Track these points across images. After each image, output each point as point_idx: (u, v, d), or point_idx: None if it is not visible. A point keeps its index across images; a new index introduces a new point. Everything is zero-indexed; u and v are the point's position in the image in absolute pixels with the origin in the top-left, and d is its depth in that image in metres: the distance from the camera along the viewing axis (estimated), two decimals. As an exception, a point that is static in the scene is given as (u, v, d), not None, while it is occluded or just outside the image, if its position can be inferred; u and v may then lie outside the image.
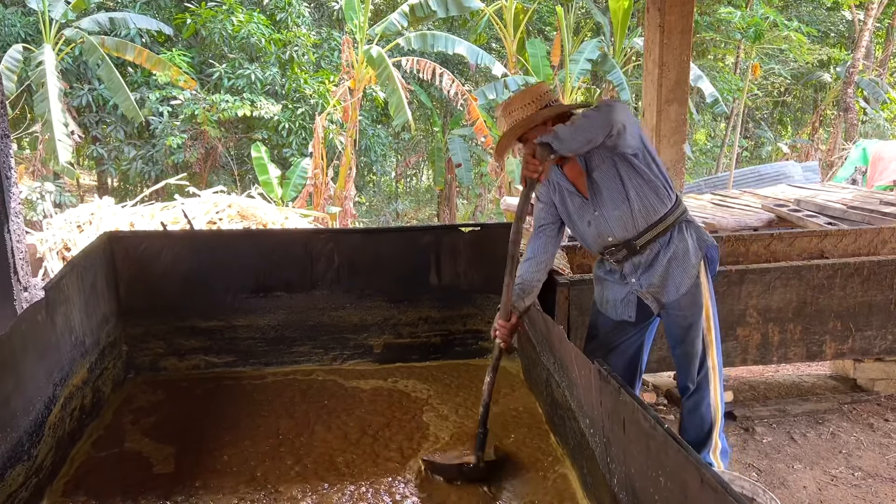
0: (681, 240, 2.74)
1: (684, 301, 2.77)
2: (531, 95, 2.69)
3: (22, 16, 12.32)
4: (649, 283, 2.78)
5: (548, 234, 2.93)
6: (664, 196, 2.70)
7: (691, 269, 2.74)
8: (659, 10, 4.79)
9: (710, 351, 2.82)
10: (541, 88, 2.74)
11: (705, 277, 2.77)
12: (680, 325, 2.82)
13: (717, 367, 2.84)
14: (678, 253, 2.73)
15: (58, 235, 7.16)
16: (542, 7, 15.72)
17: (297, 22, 13.77)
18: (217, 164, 13.65)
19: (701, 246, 2.76)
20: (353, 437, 2.93)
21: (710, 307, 2.79)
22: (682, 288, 2.75)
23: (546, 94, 2.70)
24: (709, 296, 2.78)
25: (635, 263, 2.79)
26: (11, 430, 2.28)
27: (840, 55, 17.63)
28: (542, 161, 2.53)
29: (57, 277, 2.78)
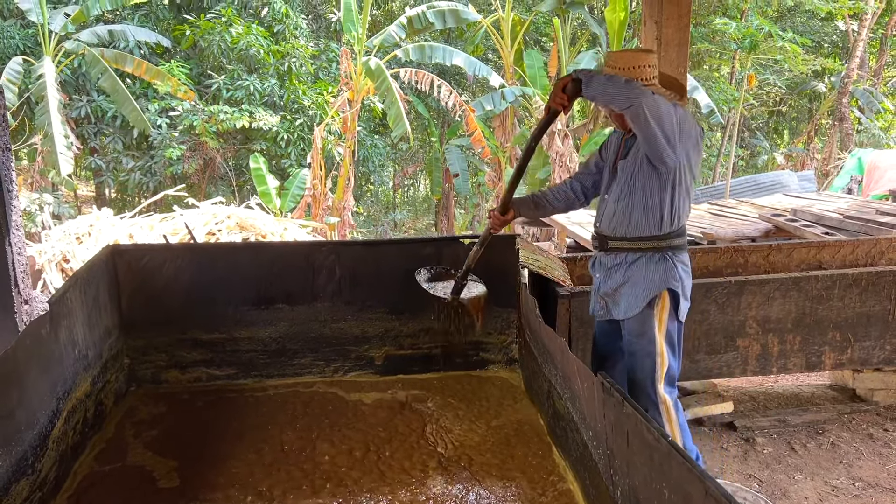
0: (645, 268, 2.73)
1: (631, 326, 2.79)
2: (628, 62, 2.66)
3: (21, 28, 12.37)
4: (605, 290, 2.84)
5: (584, 182, 3.02)
6: (656, 223, 2.71)
7: (640, 299, 2.73)
8: (656, 23, 4.82)
9: (657, 386, 2.78)
10: (640, 60, 2.67)
11: (665, 315, 2.74)
12: (626, 347, 2.87)
13: (671, 403, 2.79)
14: (636, 278, 2.74)
15: (57, 247, 7.16)
16: (538, 18, 15.81)
17: (295, 33, 13.84)
18: (215, 175, 13.67)
19: (661, 284, 2.72)
20: (358, 452, 2.93)
21: (663, 346, 2.75)
22: (629, 311, 2.77)
23: (639, 69, 2.64)
24: (663, 335, 2.74)
25: (600, 261, 2.87)
26: (16, 444, 2.28)
27: (834, 65, 17.76)
28: (570, 97, 2.60)
29: (61, 291, 2.79)
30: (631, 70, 2.65)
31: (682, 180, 2.68)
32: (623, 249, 2.77)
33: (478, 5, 14.91)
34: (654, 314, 2.73)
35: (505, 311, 3.79)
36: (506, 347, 3.83)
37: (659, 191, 2.67)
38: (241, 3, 13.48)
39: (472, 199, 17.64)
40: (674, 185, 2.68)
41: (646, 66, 2.67)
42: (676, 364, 2.82)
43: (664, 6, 4.71)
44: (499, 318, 3.79)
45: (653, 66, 2.70)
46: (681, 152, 2.59)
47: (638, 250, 2.74)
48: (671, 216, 2.71)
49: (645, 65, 2.67)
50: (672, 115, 2.54)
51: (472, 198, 17.51)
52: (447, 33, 16.50)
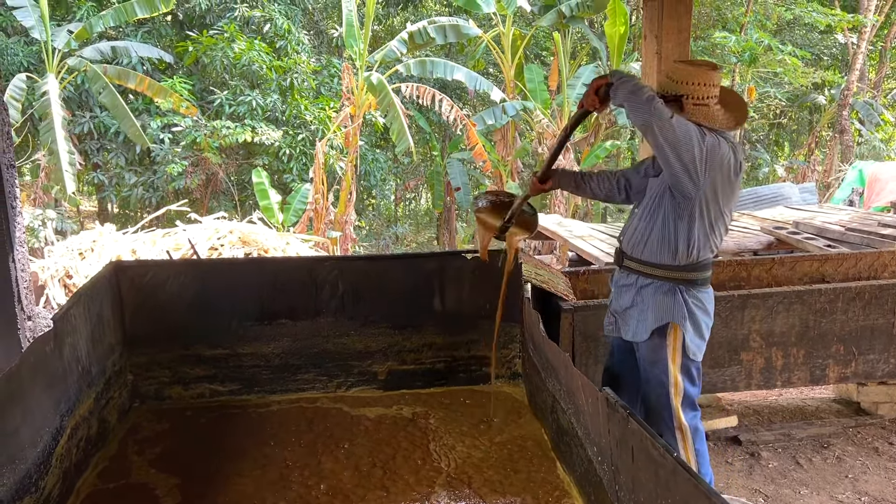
0: (654, 297, 2.68)
1: (644, 353, 2.76)
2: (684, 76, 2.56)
3: (24, 45, 12.44)
4: (615, 306, 2.84)
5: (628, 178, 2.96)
6: (672, 252, 2.64)
7: (648, 325, 2.69)
8: (656, 38, 4.86)
9: (676, 413, 2.73)
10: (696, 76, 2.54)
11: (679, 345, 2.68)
12: (641, 373, 2.83)
13: (689, 430, 2.74)
14: (644, 304, 2.71)
15: (60, 263, 7.18)
16: (538, 33, 15.90)
17: (297, 49, 13.92)
18: (218, 189, 13.72)
19: (666, 316, 2.66)
20: (363, 468, 2.92)
21: (677, 376, 2.70)
22: (637, 336, 2.74)
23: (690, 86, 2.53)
24: (678, 365, 2.69)
25: (616, 275, 2.85)
26: (20, 461, 2.28)
27: (834, 78, 17.82)
28: (601, 101, 2.61)
29: (65, 308, 2.80)
30: (682, 85, 2.54)
31: (705, 213, 2.57)
32: (635, 271, 2.73)
33: (478, 20, 15.00)
34: (666, 344, 2.68)
35: (508, 326, 3.78)
36: (509, 362, 3.82)
37: (676, 219, 2.60)
38: (243, 19, 13.57)
39: (473, 212, 17.66)
40: (692, 216, 2.58)
41: (699, 83, 2.53)
42: (695, 389, 2.75)
43: (664, 21, 4.75)
44: (502, 333, 3.79)
45: (707, 85, 2.53)
46: (704, 184, 2.47)
47: (649, 276, 2.68)
48: (687, 248, 2.62)
49: (698, 82, 2.53)
50: (693, 141, 2.41)
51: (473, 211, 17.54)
52: (448, 48, 16.59)
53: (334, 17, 16.86)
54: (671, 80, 2.61)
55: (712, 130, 2.53)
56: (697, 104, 2.54)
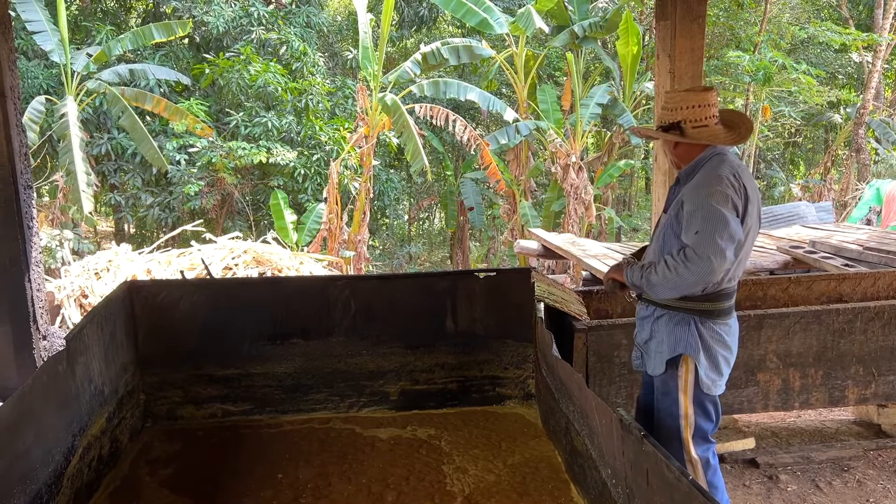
0: (667, 328, 2.63)
1: (658, 384, 2.72)
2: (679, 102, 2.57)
3: (44, 68, 12.66)
4: (638, 339, 2.81)
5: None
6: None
7: (663, 359, 2.64)
8: (669, 57, 4.85)
9: (687, 447, 2.67)
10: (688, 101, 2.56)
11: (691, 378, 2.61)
12: (655, 400, 2.78)
13: (701, 462, 2.68)
14: (660, 335, 2.67)
15: (76, 283, 7.23)
16: (551, 53, 15.97)
17: (313, 71, 14.06)
18: (233, 210, 13.81)
19: (678, 348, 2.60)
20: (375, 490, 2.90)
21: (689, 408, 2.64)
22: (654, 370, 2.70)
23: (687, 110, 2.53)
24: (689, 396, 2.63)
25: (637, 308, 2.82)
26: (31, 482, 2.28)
27: (849, 96, 17.74)
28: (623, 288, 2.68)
29: (78, 327, 2.81)
30: (679, 111, 2.55)
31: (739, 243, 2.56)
32: (652, 302, 2.69)
33: (491, 41, 15.09)
34: (678, 375, 2.62)
35: (521, 346, 3.76)
36: (522, 382, 3.79)
37: None
38: (259, 41, 13.74)
39: (486, 231, 17.66)
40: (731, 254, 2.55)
41: (694, 106, 2.54)
42: (709, 424, 2.68)
43: (677, 40, 4.75)
44: (515, 353, 3.76)
45: (703, 106, 2.53)
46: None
47: (664, 307, 2.64)
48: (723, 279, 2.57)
49: (693, 105, 2.54)
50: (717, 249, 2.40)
51: (486, 231, 17.53)
52: (461, 69, 16.70)
53: (349, 39, 17.06)
54: (667, 109, 2.61)
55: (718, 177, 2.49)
56: (697, 126, 2.55)
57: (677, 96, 2.60)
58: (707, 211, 2.43)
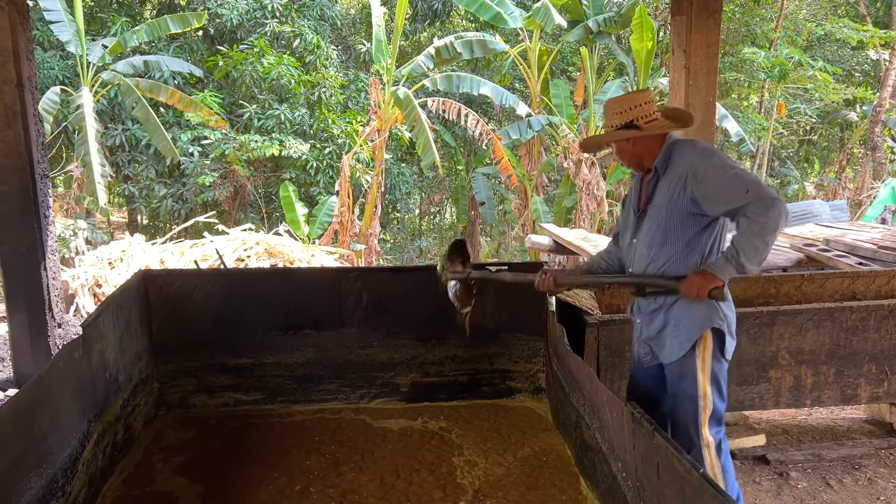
0: (687, 310, 2.64)
1: (674, 368, 2.70)
2: (625, 105, 2.67)
3: (61, 59, 12.73)
4: (648, 334, 2.76)
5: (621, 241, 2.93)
6: (697, 261, 2.62)
7: (685, 341, 2.64)
8: (684, 52, 4.83)
9: (703, 430, 2.68)
10: (634, 100, 2.68)
11: (708, 354, 2.64)
12: (669, 389, 2.76)
13: (714, 444, 2.69)
14: (679, 319, 2.66)
15: (90, 272, 7.29)
16: (565, 48, 15.91)
17: (326, 64, 14.07)
18: (245, 202, 13.86)
19: (705, 323, 2.62)
20: (387, 481, 2.92)
21: (706, 387, 2.66)
22: (673, 356, 2.68)
23: (636, 108, 2.65)
24: (707, 374, 2.65)
25: (640, 306, 2.78)
26: (47, 466, 2.31)
27: (866, 94, 17.57)
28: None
29: (94, 315, 2.84)
30: (629, 112, 2.65)
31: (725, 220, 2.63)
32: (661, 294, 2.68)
33: (505, 35, 15.04)
34: (695, 355, 2.63)
35: (532, 340, 3.77)
36: (532, 376, 3.80)
37: (700, 232, 2.61)
38: (273, 34, 13.76)
39: (498, 227, 17.64)
40: (721, 228, 2.63)
41: (640, 104, 2.67)
42: (723, 404, 2.70)
43: (692, 35, 4.72)
44: (526, 347, 3.77)
45: (649, 103, 2.69)
46: None
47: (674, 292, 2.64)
48: (711, 252, 2.63)
49: (639, 103, 2.67)
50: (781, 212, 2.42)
51: (497, 226, 17.51)
52: (474, 63, 16.65)
53: (362, 32, 17.04)
54: (618, 114, 2.68)
55: None
56: (648, 121, 2.66)
57: (622, 100, 2.71)
58: (733, 170, 2.49)
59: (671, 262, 2.65)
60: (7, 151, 4.30)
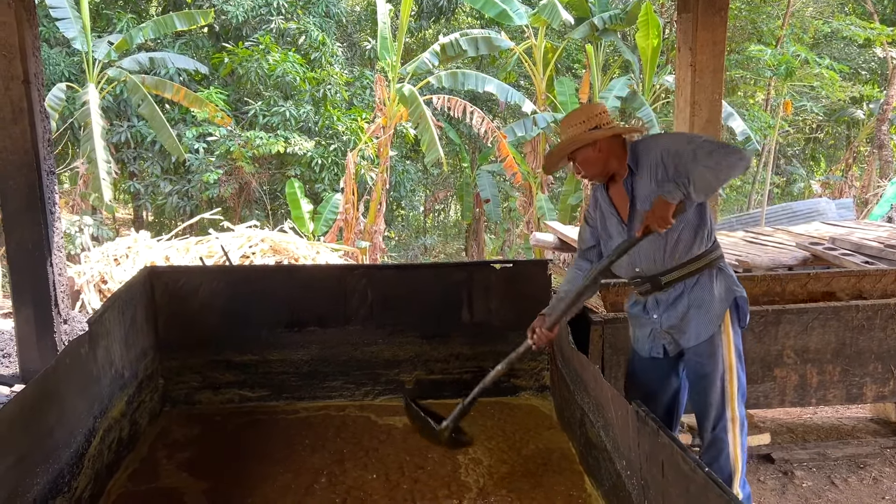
0: (707, 286, 2.69)
1: (702, 348, 2.71)
2: (584, 115, 2.71)
3: (66, 56, 12.76)
4: (670, 323, 2.75)
5: (591, 258, 2.93)
6: (702, 238, 2.68)
7: (714, 318, 2.68)
8: (690, 50, 4.82)
9: (731, 404, 2.71)
10: (594, 109, 2.75)
11: (730, 328, 2.70)
12: (696, 372, 2.77)
13: (739, 420, 2.73)
14: (702, 299, 2.68)
15: (95, 268, 7.32)
16: (570, 45, 15.88)
17: (331, 61, 14.07)
18: (250, 198, 13.89)
19: (728, 296, 2.69)
20: (392, 478, 2.92)
21: (733, 360, 2.70)
22: (702, 336, 2.69)
23: (598, 116, 2.70)
24: (732, 348, 2.70)
25: (657, 299, 2.77)
26: (53, 461, 2.32)
27: (873, 92, 17.49)
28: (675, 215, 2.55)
29: (100, 311, 2.85)
30: (591, 119, 2.69)
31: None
32: (681, 278, 2.70)
33: (510, 32, 15.01)
34: (721, 331, 2.68)
35: (537, 338, 3.76)
36: (537, 374, 3.80)
37: (701, 210, 2.67)
38: (278, 31, 13.77)
39: (502, 224, 17.64)
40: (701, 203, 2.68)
41: (600, 112, 2.72)
42: (744, 377, 2.77)
43: (699, 33, 4.71)
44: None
45: (606, 113, 2.75)
46: None
47: (695, 272, 2.68)
48: (709, 227, 2.72)
49: (599, 112, 2.72)
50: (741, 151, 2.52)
51: (502, 223, 17.51)
52: (479, 60, 16.64)
53: (367, 29, 17.04)
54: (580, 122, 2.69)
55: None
56: (609, 125, 2.70)
57: (581, 111, 2.76)
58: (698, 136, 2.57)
59: (682, 241, 2.67)
60: (14, 148, 4.32)
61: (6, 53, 4.24)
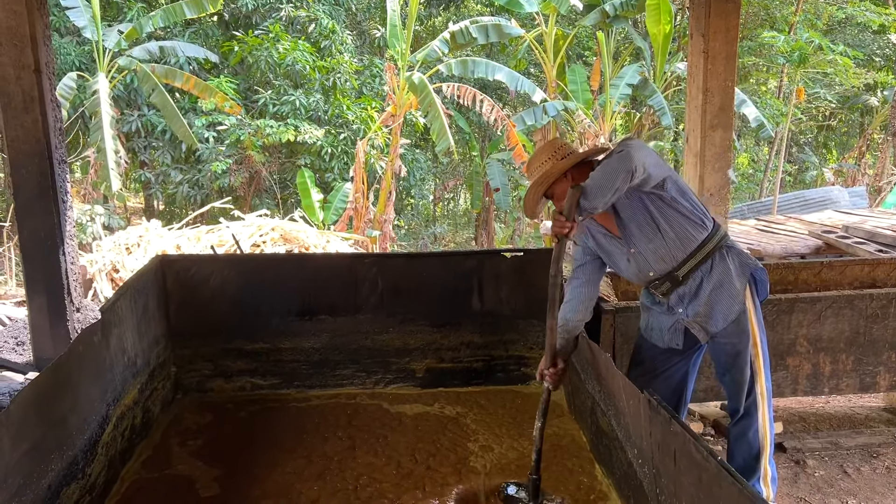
0: (723, 266, 2.70)
1: (731, 329, 2.71)
2: (547, 152, 2.75)
3: (77, 45, 12.78)
4: (696, 312, 2.74)
5: (587, 273, 2.92)
6: (699, 223, 2.68)
7: (738, 296, 2.69)
8: (703, 37, 4.76)
9: (759, 377, 2.75)
10: (554, 144, 2.79)
11: (751, 302, 2.72)
12: (728, 353, 2.77)
13: (766, 393, 2.77)
14: (722, 280, 2.69)
15: (107, 257, 7.35)
16: (581, 33, 15.76)
17: (341, 49, 14.03)
18: (260, 187, 13.90)
19: (744, 270, 2.71)
20: (403, 465, 2.93)
21: (757, 333, 2.73)
22: (730, 316, 2.70)
23: (561, 148, 2.74)
24: (756, 321, 2.73)
25: (680, 294, 2.75)
26: (68, 448, 2.34)
27: (887, 79, 17.28)
28: (568, 218, 2.55)
29: (112, 300, 2.86)
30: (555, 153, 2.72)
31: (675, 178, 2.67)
32: (696, 267, 2.70)
33: (521, 20, 14.91)
34: (746, 308, 2.70)
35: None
36: (548, 362, 3.79)
37: (678, 198, 2.66)
38: (288, 19, 13.73)
39: (512, 213, 17.59)
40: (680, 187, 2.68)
41: (561, 145, 2.76)
42: (768, 349, 2.80)
43: (711, 19, 4.66)
44: (541, 333, 3.76)
45: (566, 143, 2.81)
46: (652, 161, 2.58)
47: (707, 257, 2.69)
48: (705, 210, 2.73)
49: (560, 145, 2.77)
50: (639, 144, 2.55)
51: (512, 212, 17.46)
52: (489, 48, 16.54)
53: (377, 17, 16.96)
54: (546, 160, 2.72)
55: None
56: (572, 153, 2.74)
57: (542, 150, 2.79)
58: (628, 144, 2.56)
59: (679, 232, 2.67)
60: (25, 137, 4.33)
61: (17, 43, 4.24)
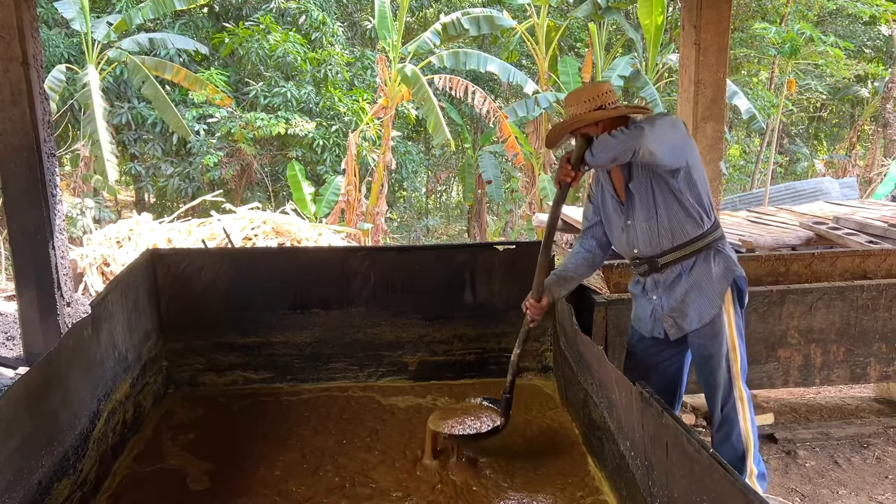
0: (706, 267, 2.69)
1: (706, 330, 2.72)
2: (589, 93, 2.70)
3: (66, 37, 12.67)
4: (670, 306, 2.75)
5: (597, 235, 2.94)
6: (698, 219, 2.67)
7: (715, 299, 2.68)
8: (695, 28, 4.76)
9: (737, 382, 2.75)
10: (600, 88, 2.73)
11: (731, 308, 2.71)
12: (701, 354, 2.79)
13: (746, 398, 2.77)
14: (701, 280, 2.69)
15: (98, 251, 7.32)
16: (573, 24, 15.73)
17: (332, 41, 13.96)
18: (252, 180, 13.85)
19: (727, 276, 2.69)
20: (396, 459, 2.93)
21: (735, 339, 2.72)
22: (704, 318, 2.70)
23: (604, 95, 2.68)
24: (734, 328, 2.72)
25: (655, 280, 2.78)
26: (58, 444, 2.32)
27: (878, 70, 17.33)
28: (574, 167, 2.58)
29: (103, 294, 2.84)
30: (597, 98, 2.67)
31: (693, 169, 2.65)
32: (677, 260, 2.70)
33: (512, 11, 14.87)
34: (722, 311, 2.69)
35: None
36: (540, 355, 3.80)
37: (684, 189, 2.64)
38: (279, 11, 13.65)
39: (504, 205, 17.59)
40: (694, 179, 2.65)
41: (607, 91, 2.71)
42: (745, 353, 2.80)
43: (703, 10, 4.65)
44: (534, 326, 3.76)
45: (612, 92, 2.73)
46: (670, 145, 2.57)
47: (692, 254, 2.68)
48: (709, 208, 2.70)
49: (606, 90, 2.71)
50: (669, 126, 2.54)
51: (504, 204, 17.46)
52: (481, 39, 16.50)
53: (368, 8, 16.88)
54: (586, 101, 2.69)
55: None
56: (614, 104, 2.70)
57: (588, 89, 2.76)
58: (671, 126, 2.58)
59: (675, 223, 2.67)
60: (13, 130, 4.29)
61: (4, 35, 4.19)
